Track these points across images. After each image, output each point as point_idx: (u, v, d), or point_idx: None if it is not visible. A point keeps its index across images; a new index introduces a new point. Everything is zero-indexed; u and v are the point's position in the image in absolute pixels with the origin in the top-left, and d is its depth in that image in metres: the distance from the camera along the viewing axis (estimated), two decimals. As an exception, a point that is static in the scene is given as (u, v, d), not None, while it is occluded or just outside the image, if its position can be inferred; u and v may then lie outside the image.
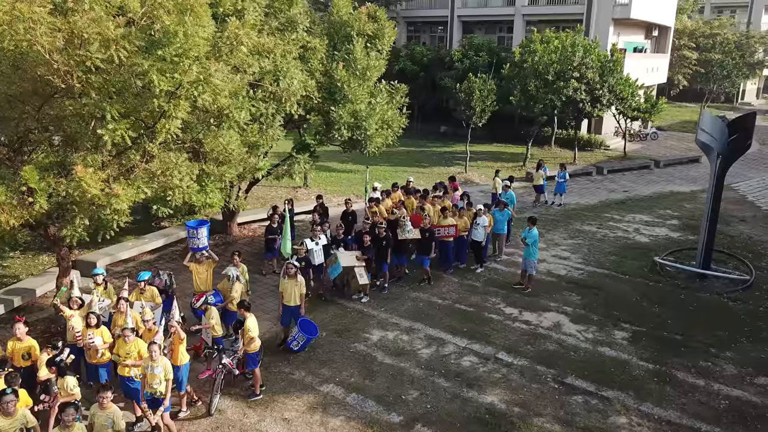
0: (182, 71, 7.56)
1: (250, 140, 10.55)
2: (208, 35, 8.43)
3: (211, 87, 7.96)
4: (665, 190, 24.02)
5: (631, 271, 14.91)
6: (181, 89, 7.80)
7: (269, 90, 10.48)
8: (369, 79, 14.06)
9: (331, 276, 12.86)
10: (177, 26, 7.48)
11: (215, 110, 9.24)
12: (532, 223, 13.90)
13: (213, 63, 8.20)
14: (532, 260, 13.75)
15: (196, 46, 7.72)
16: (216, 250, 15.96)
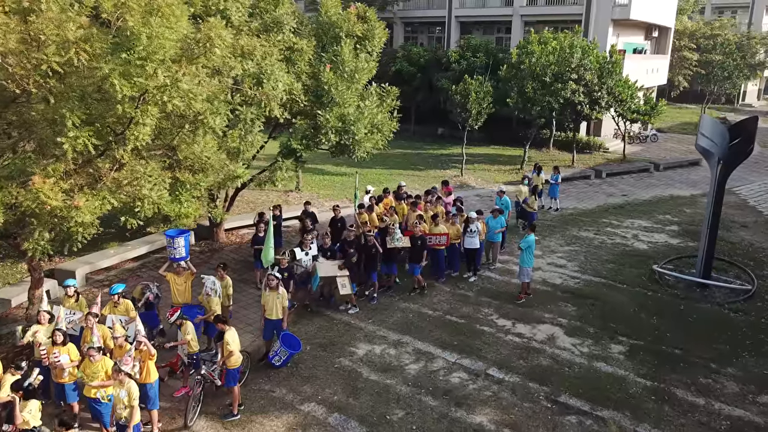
0: (147, 76, 7.09)
1: (231, 146, 10.08)
2: (179, 37, 7.96)
3: (179, 92, 7.50)
4: (665, 194, 23.55)
5: (629, 280, 14.44)
6: (148, 94, 7.33)
7: (248, 93, 10.00)
8: (358, 81, 13.58)
9: (312, 286, 12.37)
10: (142, 28, 7.01)
11: (191, 115, 8.78)
12: (531, 229, 13.44)
13: (184, 66, 7.74)
14: (525, 267, 13.29)
15: (162, 48, 7.26)
16: (201, 257, 15.57)
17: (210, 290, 10.35)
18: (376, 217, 14.79)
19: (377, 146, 14.36)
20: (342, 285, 12.21)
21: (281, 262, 11.46)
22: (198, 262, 15.17)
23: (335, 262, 12.43)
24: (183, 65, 7.79)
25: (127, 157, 8.39)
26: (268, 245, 11.32)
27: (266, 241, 11.40)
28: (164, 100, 7.49)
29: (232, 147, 10.06)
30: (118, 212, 8.29)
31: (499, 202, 16.62)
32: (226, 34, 8.55)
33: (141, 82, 7.10)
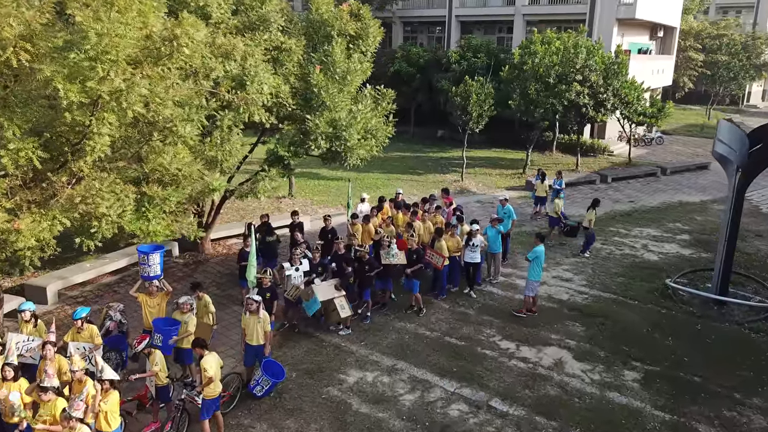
0: (99, 79, 6.19)
1: (208, 155, 9.17)
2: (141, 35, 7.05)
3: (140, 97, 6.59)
4: (673, 200, 22.61)
5: (640, 296, 13.51)
6: (102, 100, 6.43)
7: (226, 98, 9.08)
8: (350, 83, 12.65)
9: (307, 311, 11.31)
10: (93, 23, 6.10)
11: (160, 122, 7.87)
12: (539, 239, 12.53)
13: (147, 68, 6.83)
14: (531, 281, 12.41)
15: (115, 47, 6.35)
16: (185, 270, 14.66)
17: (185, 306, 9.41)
18: (373, 228, 13.86)
19: (371, 153, 13.43)
20: (341, 307, 11.26)
21: (263, 280, 10.52)
22: (181, 276, 14.29)
23: (331, 282, 11.47)
24: (146, 67, 6.88)
25: (87, 170, 7.47)
26: (251, 263, 10.39)
27: (249, 258, 10.47)
28: (123, 106, 6.58)
29: (209, 156, 9.14)
30: (73, 233, 7.39)
31: (501, 211, 15.67)
32: (195, 32, 7.62)
33: (92, 86, 6.19)
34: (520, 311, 12.53)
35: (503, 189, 23.87)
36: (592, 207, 16.13)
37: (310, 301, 11.11)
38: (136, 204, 7.84)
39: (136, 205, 7.83)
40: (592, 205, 16.20)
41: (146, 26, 7.83)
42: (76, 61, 6.09)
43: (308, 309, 11.21)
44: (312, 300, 11.08)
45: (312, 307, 11.16)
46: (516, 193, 23.11)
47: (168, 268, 14.65)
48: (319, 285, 11.27)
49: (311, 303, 11.11)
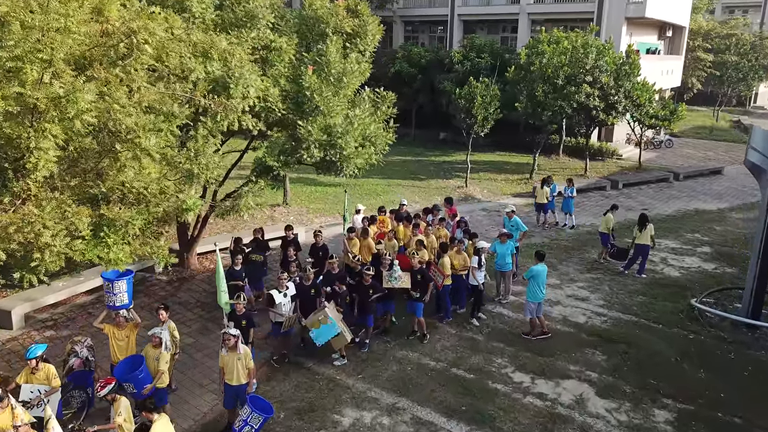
0: (31, 83, 5.05)
1: (184, 168, 8.01)
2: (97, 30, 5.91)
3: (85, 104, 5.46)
4: (689, 208, 21.45)
5: (664, 318, 12.35)
6: (38, 108, 5.29)
7: (202, 103, 7.92)
8: (347, 86, 11.49)
9: (317, 341, 9.97)
10: (21, 14, 4.98)
11: (123, 132, 6.72)
12: (538, 258, 11.40)
13: (99, 69, 5.70)
14: (528, 302, 11.32)
15: (48, 45, 5.22)
16: (168, 288, 13.50)
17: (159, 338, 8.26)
18: (372, 242, 12.70)
19: (370, 161, 12.27)
20: (343, 330, 10.07)
21: (237, 307, 9.34)
22: (163, 295, 13.14)
23: (333, 306, 10.27)
24: (97, 68, 5.75)
25: (35, 189, 6.32)
26: (220, 287, 9.21)
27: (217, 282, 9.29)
28: (69, 115, 5.44)
29: (185, 169, 7.99)
30: (12, 266, 6.26)
31: (508, 224, 14.49)
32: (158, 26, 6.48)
33: (22, 92, 5.06)
34: (529, 334, 11.43)
35: (509, 196, 22.71)
36: (641, 225, 14.46)
37: (324, 327, 9.84)
38: (93, 228, 6.69)
39: (94, 229, 6.69)
40: (640, 222, 14.55)
41: (106, 20, 6.70)
42: (1, 62, 4.97)
43: (321, 337, 9.88)
44: (327, 327, 9.82)
45: (327, 334, 9.87)
46: (523, 201, 21.94)
47: (149, 286, 13.54)
48: (330, 307, 10.06)
49: (326, 329, 9.85)
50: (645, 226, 14.36)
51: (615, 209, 15.76)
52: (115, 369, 8.42)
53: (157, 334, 8.29)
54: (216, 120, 8.15)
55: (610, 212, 15.52)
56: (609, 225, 15.28)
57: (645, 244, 14.41)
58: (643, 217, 14.69)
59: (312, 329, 9.98)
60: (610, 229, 15.33)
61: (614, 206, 15.93)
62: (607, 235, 15.35)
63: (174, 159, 7.89)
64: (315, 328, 9.94)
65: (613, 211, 15.56)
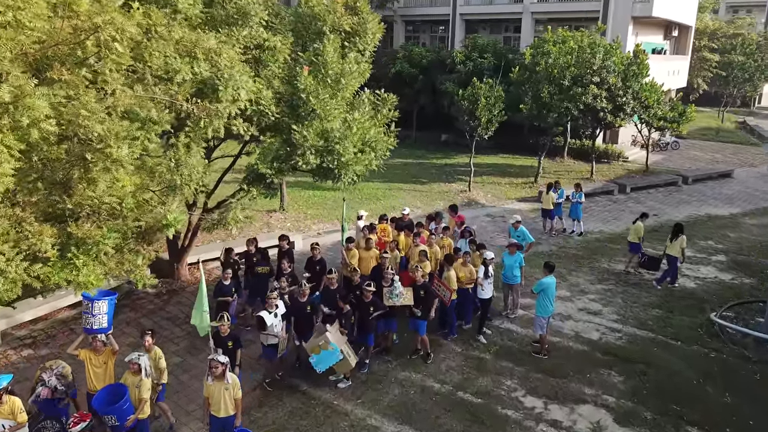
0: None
1: (166, 179, 7.29)
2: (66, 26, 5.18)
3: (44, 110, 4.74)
4: (700, 214, 20.71)
5: (682, 334, 11.62)
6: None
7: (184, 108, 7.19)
8: (345, 87, 10.76)
9: (317, 368, 9.22)
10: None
11: (95, 140, 5.99)
12: (548, 270, 10.69)
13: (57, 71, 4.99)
14: (538, 317, 10.63)
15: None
16: (157, 301, 12.77)
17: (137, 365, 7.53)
18: (374, 254, 11.95)
19: (370, 167, 11.54)
20: (347, 354, 9.32)
21: (221, 329, 8.61)
22: (151, 309, 12.43)
23: (335, 327, 9.52)
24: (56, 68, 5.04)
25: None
26: (201, 307, 8.48)
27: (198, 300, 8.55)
28: (23, 123, 4.73)
29: (166, 180, 7.26)
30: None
31: (514, 234, 13.75)
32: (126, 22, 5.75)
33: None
34: (539, 352, 10.74)
35: (514, 200, 21.98)
36: (673, 234, 13.78)
37: (325, 353, 9.08)
38: (60, 248, 5.98)
39: (60, 249, 5.98)
40: (673, 231, 13.83)
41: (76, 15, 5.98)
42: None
43: (322, 363, 9.13)
44: (329, 353, 9.06)
45: (328, 360, 9.12)
46: (528, 205, 21.22)
47: (136, 299, 12.81)
48: (331, 330, 9.32)
49: (327, 355, 9.09)
50: (676, 237, 13.63)
51: (645, 217, 14.94)
52: (93, 399, 7.70)
53: (134, 360, 7.56)
54: (199, 126, 7.42)
55: (640, 220, 14.72)
56: (640, 234, 14.52)
57: (675, 256, 13.66)
58: (677, 227, 13.91)
59: (312, 354, 9.25)
60: (641, 238, 14.55)
61: (644, 214, 15.10)
62: (638, 245, 14.59)
63: (155, 169, 7.16)
64: (315, 354, 9.21)
65: (643, 219, 14.77)
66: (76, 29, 5.58)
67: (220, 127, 7.63)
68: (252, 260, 11.59)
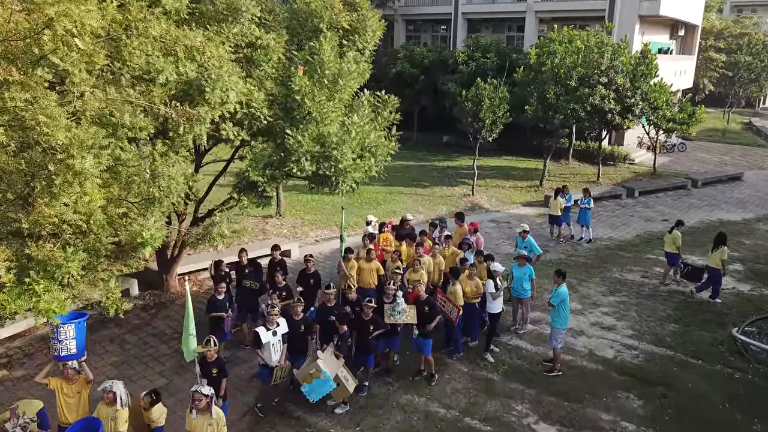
0: None
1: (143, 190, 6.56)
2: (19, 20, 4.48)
3: None
4: (712, 219, 19.99)
5: (703, 352, 10.89)
6: None
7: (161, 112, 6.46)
8: (343, 89, 10.03)
9: (310, 397, 8.50)
10: None
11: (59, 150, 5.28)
12: (560, 278, 9.98)
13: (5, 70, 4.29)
14: (557, 329, 9.94)
15: None
16: (144, 315, 12.05)
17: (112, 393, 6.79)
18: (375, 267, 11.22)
19: (370, 173, 10.83)
20: (345, 378, 8.61)
21: (208, 354, 7.88)
22: (138, 324, 11.70)
23: (330, 350, 8.80)
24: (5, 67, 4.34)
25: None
26: (188, 330, 7.75)
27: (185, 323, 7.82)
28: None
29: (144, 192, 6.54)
30: None
31: (522, 244, 13.02)
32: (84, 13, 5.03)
33: None
34: (553, 370, 10.04)
35: (519, 205, 21.26)
36: (714, 246, 13.04)
37: (317, 382, 8.36)
38: (17, 272, 5.27)
39: (18, 273, 5.27)
40: (715, 242, 13.07)
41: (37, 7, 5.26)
42: None
43: (314, 393, 8.42)
44: (321, 382, 8.34)
45: (321, 390, 8.42)
46: (534, 210, 20.51)
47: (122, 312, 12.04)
48: (323, 356, 8.59)
49: (319, 384, 8.37)
50: (717, 247, 12.91)
51: (680, 225, 14.15)
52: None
53: (108, 388, 6.83)
54: (178, 133, 6.71)
55: (676, 229, 13.94)
56: (677, 243, 13.74)
57: (716, 268, 12.92)
58: (719, 236, 13.15)
59: (304, 383, 8.53)
60: (679, 248, 13.79)
61: (679, 222, 14.29)
62: (676, 255, 13.82)
63: (131, 180, 6.44)
64: (307, 383, 8.49)
65: (679, 227, 13.99)
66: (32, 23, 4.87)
67: (202, 134, 6.91)
68: (243, 272, 10.86)
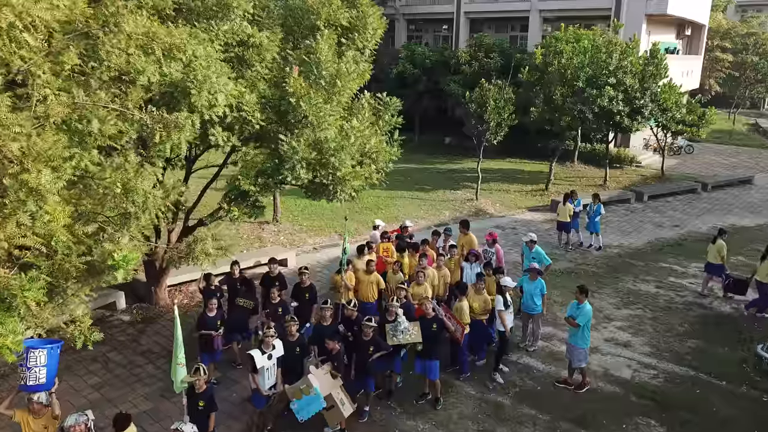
0: None
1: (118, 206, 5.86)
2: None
3: None
4: (725, 224, 19.21)
5: (726, 372, 10.18)
6: None
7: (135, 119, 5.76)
8: (342, 90, 9.33)
9: (299, 415, 7.79)
10: None
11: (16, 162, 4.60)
12: (583, 294, 9.32)
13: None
14: (582, 348, 9.30)
15: None
16: (131, 331, 11.37)
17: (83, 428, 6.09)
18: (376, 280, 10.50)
19: (370, 181, 10.14)
20: (341, 402, 7.91)
21: (197, 384, 7.18)
22: (123, 341, 11.01)
23: (324, 368, 8.12)
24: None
25: None
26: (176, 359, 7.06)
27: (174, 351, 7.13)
28: None
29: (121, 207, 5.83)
30: None
31: (529, 255, 12.29)
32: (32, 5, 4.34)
33: None
34: (581, 384, 9.49)
35: (524, 210, 20.56)
36: (762, 257, 12.22)
37: (308, 399, 7.66)
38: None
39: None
40: (764, 254, 12.23)
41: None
42: None
43: (303, 411, 7.72)
44: (312, 398, 7.66)
45: (310, 408, 7.70)
46: (540, 215, 19.81)
47: (107, 327, 11.36)
48: (316, 373, 7.91)
49: (309, 402, 7.68)
50: (765, 259, 12.16)
51: (723, 234, 13.36)
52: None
53: (75, 424, 6.13)
54: (154, 141, 6.01)
55: (720, 238, 13.12)
56: (722, 253, 12.92)
57: (764, 282, 12.11)
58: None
59: (293, 399, 7.84)
60: (723, 258, 12.98)
61: (722, 231, 13.49)
62: (720, 266, 13.04)
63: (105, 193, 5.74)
64: (297, 399, 7.80)
65: (722, 236, 13.19)
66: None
67: (181, 142, 6.21)
68: (235, 288, 10.16)
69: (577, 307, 9.35)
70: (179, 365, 7.02)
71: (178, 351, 7.03)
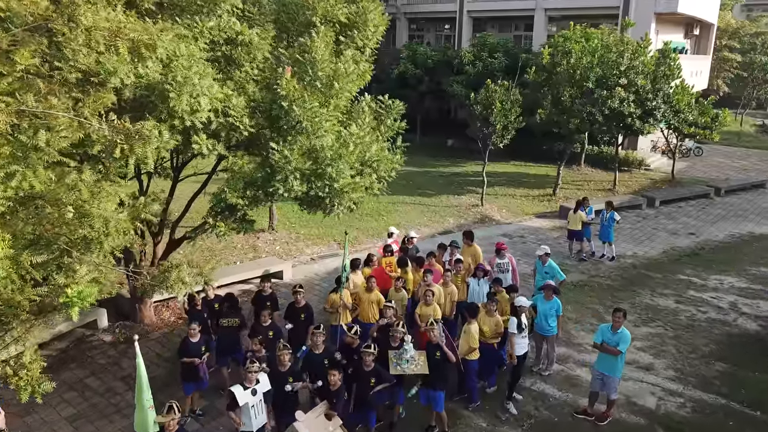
0: None
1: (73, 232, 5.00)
2: None
3: None
4: (742, 232, 18.42)
5: (760, 399, 9.32)
6: None
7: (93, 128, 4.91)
8: (339, 93, 8.47)
9: None
10: None
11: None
12: (621, 315, 8.47)
13: None
14: (614, 378, 8.49)
15: None
16: (113, 353, 10.53)
17: None
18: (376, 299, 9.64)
19: (371, 192, 9.29)
20: None
21: (167, 426, 6.32)
22: (104, 364, 10.15)
23: (318, 410, 7.26)
24: None
25: None
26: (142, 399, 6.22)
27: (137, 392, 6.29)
28: None
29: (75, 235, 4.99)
30: None
31: (542, 269, 11.38)
32: None
33: None
34: (603, 416, 8.60)
35: (532, 216, 19.69)
36: None
37: None
38: None
39: None
40: None
41: None
42: None
43: None
44: None
45: None
46: (548, 222, 18.94)
47: (86, 349, 10.52)
48: (304, 418, 7.04)
49: None
50: None
51: None
52: None
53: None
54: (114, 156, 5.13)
55: None
56: None
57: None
58: None
59: None
60: None
61: None
62: None
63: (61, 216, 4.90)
64: None
65: None
66: None
67: (147, 157, 5.34)
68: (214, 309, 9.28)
69: (613, 332, 8.47)
70: (149, 408, 6.16)
71: (142, 393, 6.16)
